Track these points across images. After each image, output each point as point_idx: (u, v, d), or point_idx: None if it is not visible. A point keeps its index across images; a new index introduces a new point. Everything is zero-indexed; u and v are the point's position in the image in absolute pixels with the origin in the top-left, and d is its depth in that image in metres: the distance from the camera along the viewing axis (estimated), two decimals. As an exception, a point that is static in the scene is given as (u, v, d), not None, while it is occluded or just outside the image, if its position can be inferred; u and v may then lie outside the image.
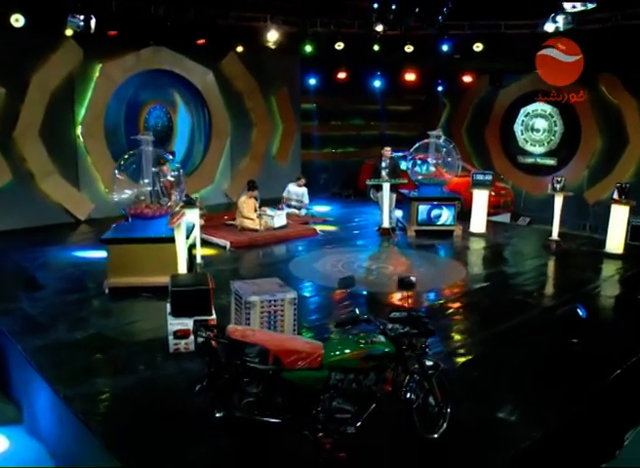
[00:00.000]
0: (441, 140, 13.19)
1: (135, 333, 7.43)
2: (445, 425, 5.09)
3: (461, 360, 6.82)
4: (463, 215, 13.65)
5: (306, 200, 14.63)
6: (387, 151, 13.13)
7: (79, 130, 13.65)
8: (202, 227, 12.27)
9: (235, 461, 4.69)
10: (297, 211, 14.26)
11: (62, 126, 13.41)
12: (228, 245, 11.55)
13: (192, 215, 10.13)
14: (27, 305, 8.36)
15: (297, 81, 17.51)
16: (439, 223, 12.92)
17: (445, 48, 16.32)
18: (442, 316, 8.14)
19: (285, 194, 14.62)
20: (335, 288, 9.06)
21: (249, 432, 4.55)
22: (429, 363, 5.01)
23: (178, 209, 9.22)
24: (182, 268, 8.57)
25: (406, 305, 5.30)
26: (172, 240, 8.84)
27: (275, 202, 14.25)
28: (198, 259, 10.26)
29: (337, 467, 4.61)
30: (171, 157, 9.76)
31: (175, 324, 6.63)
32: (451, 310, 8.49)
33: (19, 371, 7.07)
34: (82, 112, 13.63)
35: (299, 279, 9.54)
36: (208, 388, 4.52)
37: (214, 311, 6.77)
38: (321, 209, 15.76)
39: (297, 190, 14.60)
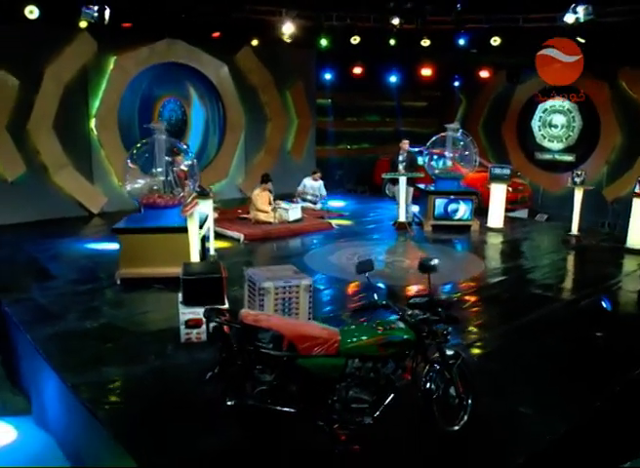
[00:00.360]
0: (458, 134, 12.92)
1: (146, 324, 7.25)
2: (466, 417, 4.85)
3: (480, 353, 6.58)
4: (480, 212, 13.38)
5: (324, 192, 14.41)
6: (405, 144, 12.89)
7: (93, 122, 13.52)
8: (215, 220, 12.19)
9: (246, 452, 4.47)
10: (312, 205, 14.04)
11: (76, 118, 13.29)
12: (242, 237, 11.37)
13: (206, 207, 9.93)
14: (38, 295, 8.22)
15: (312, 75, 17.29)
16: (456, 218, 12.65)
17: (462, 42, 16.07)
18: (459, 309, 7.87)
19: (300, 188, 14.41)
20: (350, 280, 8.98)
21: (261, 421, 4.34)
22: (450, 352, 4.77)
23: (190, 198, 9.03)
24: (195, 259, 8.38)
25: (426, 291, 5.04)
26: (184, 230, 8.67)
27: (290, 197, 14.04)
28: (211, 251, 10.08)
29: (352, 459, 4.39)
30: (185, 147, 9.54)
31: (186, 313, 6.44)
32: (468, 303, 8.24)
33: (28, 362, 6.92)
34: (96, 105, 13.50)
35: (313, 271, 9.30)
36: (219, 376, 4.32)
37: (227, 301, 6.58)
38: (336, 204, 15.54)
39: (312, 184, 14.39)
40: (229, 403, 4.18)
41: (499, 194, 13.03)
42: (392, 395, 4.45)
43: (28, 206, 12.55)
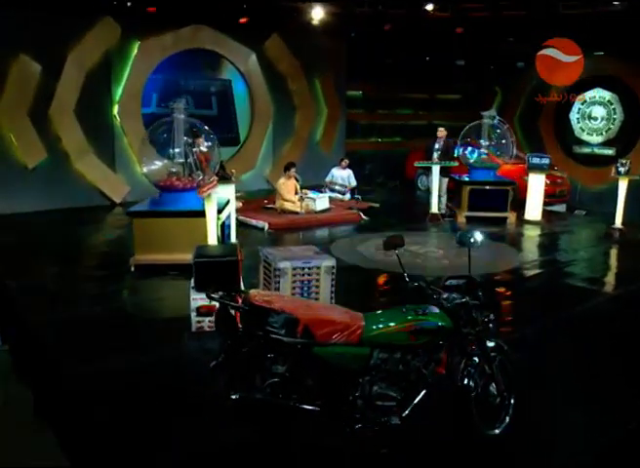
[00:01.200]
0: (495, 121, 12.17)
1: (158, 311, 6.77)
2: (507, 419, 4.17)
3: (519, 348, 5.87)
4: (517, 204, 12.60)
5: (353, 182, 13.75)
6: (441, 132, 12.18)
7: (116, 109, 13.06)
8: (238, 210, 11.65)
9: (254, 450, 3.86)
10: (340, 195, 13.39)
11: (99, 105, 12.85)
12: (266, 226, 10.78)
13: (228, 191, 9.35)
14: (50, 281, 7.76)
15: (342, 65, 16.59)
16: (492, 209, 11.89)
17: (497, 30, 15.33)
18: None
19: (328, 178, 13.76)
20: (378, 270, 8.32)
21: (270, 418, 3.72)
22: (491, 343, 4.10)
23: (210, 179, 8.43)
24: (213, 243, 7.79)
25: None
26: (202, 214, 8.03)
27: (318, 188, 13.44)
28: (233, 239, 9.49)
29: (377, 465, 3.75)
30: (206, 128, 8.98)
31: (198, 299, 5.86)
32: (505, 296, 7.52)
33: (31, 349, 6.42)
34: (119, 91, 13.05)
35: (339, 260, 8.64)
36: (224, 365, 3.72)
37: (243, 287, 5.98)
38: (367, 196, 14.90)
39: (341, 173, 13.74)
40: (234, 397, 3.56)
41: (537, 185, 12.24)
42: (424, 392, 3.79)
43: (49, 193, 12.15)
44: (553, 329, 6.40)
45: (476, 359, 4.00)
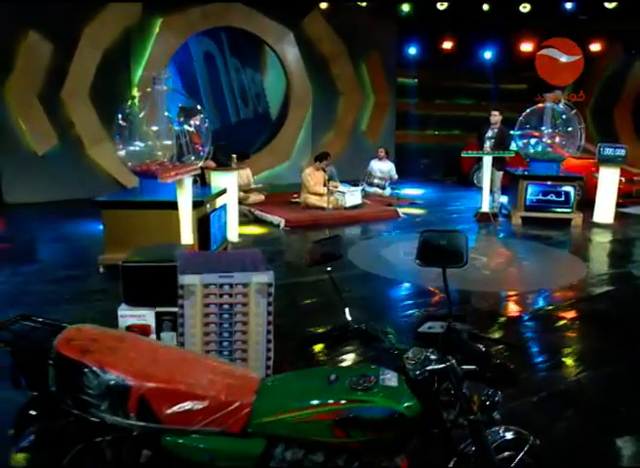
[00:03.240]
0: (560, 105, 10.06)
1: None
2: None
3: (578, 404, 3.96)
4: (584, 204, 10.48)
5: (394, 175, 11.90)
6: (495, 116, 10.16)
7: (135, 92, 11.66)
8: (260, 204, 10.10)
9: None
10: (379, 190, 11.58)
11: (116, 87, 11.43)
12: (282, 223, 9.12)
13: (226, 180, 7.76)
14: (5, 280, 6.35)
15: (393, 47, 14.74)
16: (553, 209, 9.81)
17: (568, 6, 13.15)
18: (550, 329, 5.25)
19: (368, 170, 11.97)
20: (398, 281, 6.51)
21: None
22: (508, 434, 2.26)
23: (180, 162, 6.82)
24: (188, 242, 6.19)
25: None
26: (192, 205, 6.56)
27: (355, 181, 11.69)
28: (234, 238, 7.88)
29: None
30: (197, 106, 7.42)
31: (127, 316, 4.24)
32: (563, 321, 5.53)
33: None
34: (139, 72, 11.65)
35: (354, 267, 6.91)
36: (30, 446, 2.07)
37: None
38: (412, 192, 13.02)
39: (380, 165, 11.92)
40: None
41: (609, 181, 10.02)
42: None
43: (60, 182, 10.87)
44: (627, 377, 4.41)
45: (477, 461, 2.17)
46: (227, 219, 7.72)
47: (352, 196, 10.10)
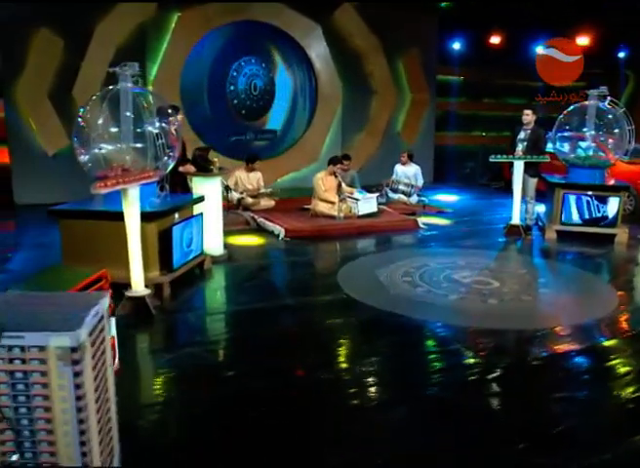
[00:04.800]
0: (604, 103, 8.63)
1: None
2: None
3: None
4: (635, 217, 9.01)
5: (420, 181, 10.71)
6: (528, 116, 8.82)
7: (150, 90, 10.98)
8: (267, 210, 9.22)
9: None
10: (404, 197, 10.43)
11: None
12: (282, 233, 8.16)
13: (209, 185, 6.87)
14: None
15: (433, 42, 13.46)
16: (595, 223, 8.40)
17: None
18: (558, 384, 4.08)
19: (393, 177, 10.82)
20: (382, 311, 5.41)
21: None
22: None
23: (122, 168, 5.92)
24: (136, 259, 5.32)
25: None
26: (147, 216, 5.71)
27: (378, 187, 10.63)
28: (216, 251, 6.98)
29: None
30: (170, 105, 6.55)
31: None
32: (584, 377, 4.31)
33: None
34: (154, 70, 10.95)
35: (337, 290, 5.88)
36: None
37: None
38: (445, 198, 11.79)
39: (404, 170, 10.74)
40: None
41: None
42: None
43: (71, 183, 10.24)
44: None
45: None
46: (208, 230, 6.84)
47: (366, 203, 9.02)
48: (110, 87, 6.16)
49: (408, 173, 10.64)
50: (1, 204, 10.06)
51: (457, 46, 14.03)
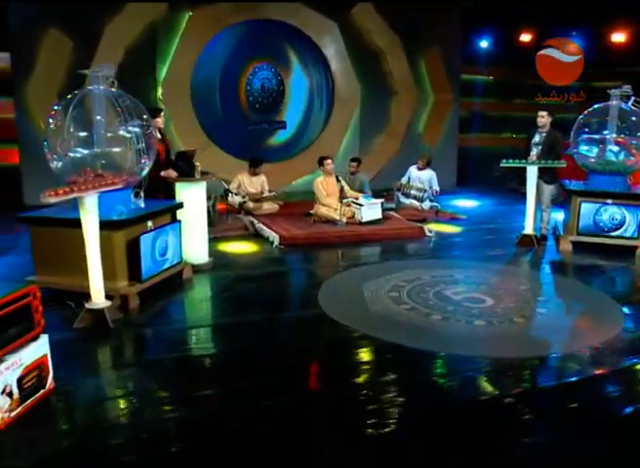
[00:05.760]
0: (628, 104, 7.90)
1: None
2: None
3: None
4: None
5: (435, 186, 10.13)
6: (543, 118, 8.13)
7: (160, 91, 10.73)
8: (269, 215, 8.87)
9: None
10: (416, 202, 9.87)
11: (141, 86, 10.47)
12: (277, 240, 7.75)
13: (193, 191, 6.52)
14: None
15: (456, 40, 12.79)
16: (614, 234, 7.71)
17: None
18: (528, 428, 3.55)
19: (404, 180, 10.26)
20: (360, 332, 4.91)
21: None
22: None
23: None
24: (95, 269, 5.00)
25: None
26: (113, 225, 5.41)
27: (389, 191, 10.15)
28: (200, 259, 6.61)
29: None
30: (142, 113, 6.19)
31: None
32: (556, 421, 3.77)
33: None
34: (164, 70, 10.69)
35: (314, 305, 5.44)
36: None
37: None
38: (463, 203, 11.18)
39: (419, 174, 10.17)
40: None
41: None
42: None
43: (80, 185, 10.15)
44: None
45: None
46: (190, 238, 6.50)
47: (370, 210, 8.54)
48: (80, 90, 5.92)
49: (422, 177, 10.07)
50: (11, 204, 9.99)
51: (484, 44, 13.34)
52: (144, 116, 6.12)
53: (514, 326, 5.16)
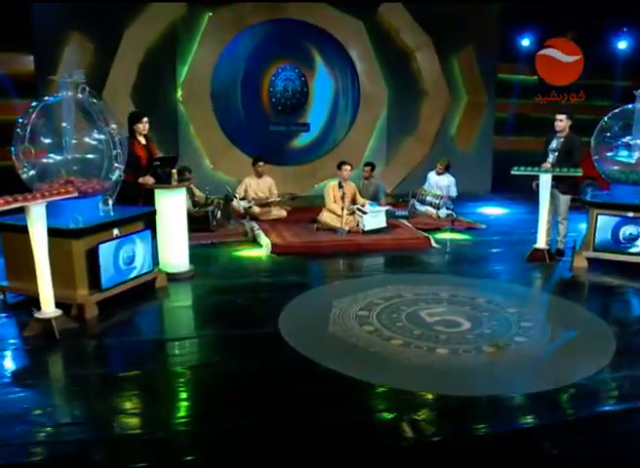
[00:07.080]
0: (652, 107, 7.13)
1: None
2: None
3: None
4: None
5: (453, 193, 9.56)
6: (561, 122, 7.42)
7: (180, 93, 10.63)
8: (275, 221, 8.61)
9: None
10: (432, 209, 9.33)
11: (160, 87, 10.55)
12: (269, 248, 7.44)
13: (171, 198, 6.31)
14: None
15: (493, 38, 12.10)
16: (634, 250, 6.95)
17: None
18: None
19: (425, 186, 9.73)
20: (303, 356, 4.52)
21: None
22: None
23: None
24: (43, 278, 4.87)
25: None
26: (74, 234, 5.27)
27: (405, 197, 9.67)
28: (180, 267, 6.39)
29: None
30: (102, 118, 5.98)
31: None
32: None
33: None
34: (184, 71, 10.58)
35: (272, 323, 5.10)
36: None
37: None
38: (489, 211, 10.54)
39: (437, 180, 9.63)
40: None
41: None
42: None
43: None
44: None
45: None
46: (168, 245, 6.31)
47: (373, 218, 8.10)
48: (47, 98, 5.81)
49: (440, 183, 9.54)
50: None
51: (526, 42, 12.56)
52: (113, 124, 5.90)
53: (480, 356, 4.64)
